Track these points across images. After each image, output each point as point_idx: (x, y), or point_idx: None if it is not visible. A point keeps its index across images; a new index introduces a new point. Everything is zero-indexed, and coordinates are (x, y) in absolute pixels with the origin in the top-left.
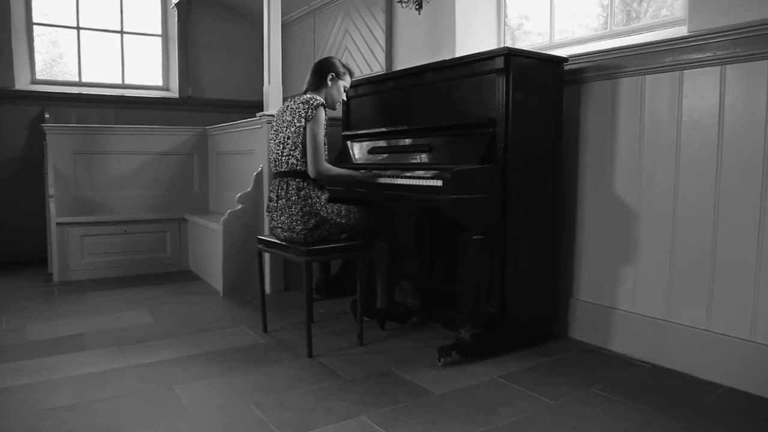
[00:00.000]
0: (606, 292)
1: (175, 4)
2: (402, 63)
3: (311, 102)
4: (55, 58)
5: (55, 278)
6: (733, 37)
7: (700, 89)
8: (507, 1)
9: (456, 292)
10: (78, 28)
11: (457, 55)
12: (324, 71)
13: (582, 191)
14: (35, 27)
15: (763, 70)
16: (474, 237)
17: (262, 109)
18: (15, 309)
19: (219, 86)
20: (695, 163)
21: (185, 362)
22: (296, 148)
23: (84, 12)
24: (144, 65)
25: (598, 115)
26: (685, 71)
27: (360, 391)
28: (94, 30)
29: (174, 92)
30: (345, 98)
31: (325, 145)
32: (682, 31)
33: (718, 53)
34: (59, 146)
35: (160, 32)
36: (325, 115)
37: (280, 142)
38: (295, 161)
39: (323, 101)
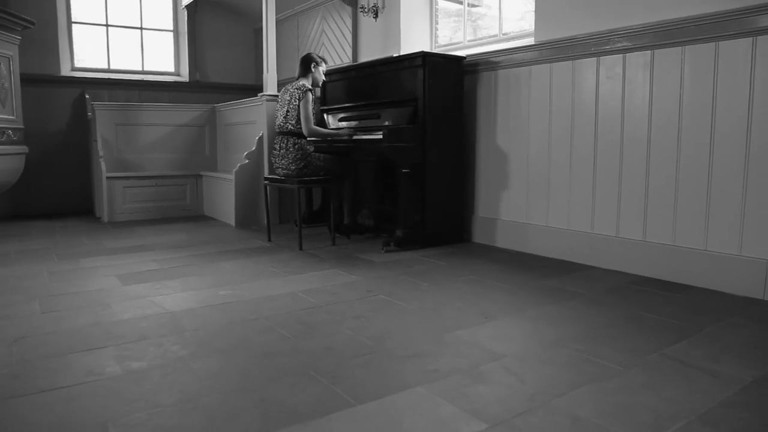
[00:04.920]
0: (492, 209)
1: (186, 6)
2: (364, 56)
3: (302, 88)
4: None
5: (105, 219)
6: (557, 47)
7: (540, 78)
8: (437, 11)
9: (397, 212)
10: (107, 25)
11: (402, 51)
12: (307, 63)
13: (478, 143)
14: (74, 25)
15: (569, 67)
16: (404, 170)
17: (254, 90)
18: (87, 235)
19: (220, 72)
20: (538, 122)
21: (220, 254)
22: (293, 118)
23: (111, 12)
24: (159, 55)
25: (487, 95)
26: (533, 67)
27: (333, 262)
28: (119, 27)
29: (184, 77)
30: (325, 78)
31: (314, 114)
32: (531, 40)
33: (547, 56)
34: (105, 119)
35: (172, 28)
36: (313, 95)
37: (282, 113)
38: (292, 126)
39: (310, 86)
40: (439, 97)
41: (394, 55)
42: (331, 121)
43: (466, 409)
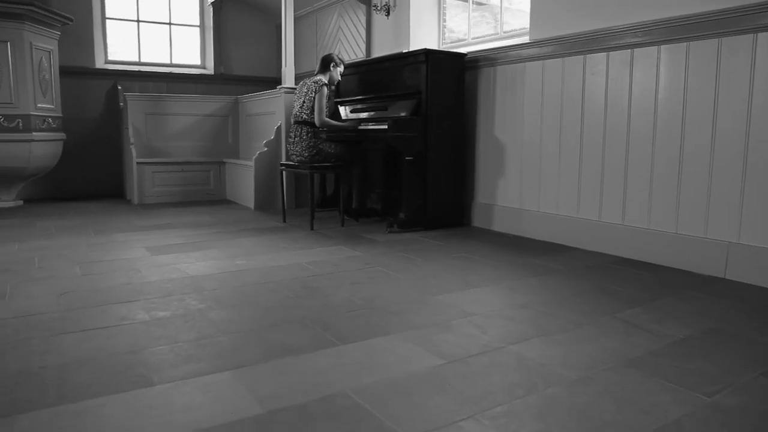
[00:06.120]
0: (490, 195)
1: (211, 3)
2: (377, 51)
3: (318, 83)
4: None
5: (135, 201)
6: (548, 45)
7: (534, 74)
8: (445, 9)
9: (401, 197)
10: (138, 21)
11: (412, 47)
12: (327, 62)
13: (478, 133)
14: (107, 21)
15: (559, 64)
16: (407, 158)
17: (275, 83)
18: (119, 214)
19: (243, 65)
20: (531, 113)
21: (239, 232)
22: (308, 109)
23: (142, 8)
24: (186, 49)
25: (486, 89)
26: (527, 63)
27: (339, 240)
28: (149, 22)
29: (210, 70)
30: (340, 79)
31: (327, 108)
32: (526, 38)
33: (540, 53)
34: (136, 109)
35: (198, 23)
36: (327, 90)
37: (299, 104)
38: (307, 116)
39: (326, 82)
40: (441, 91)
41: (404, 50)
42: (344, 112)
43: (430, 350)
